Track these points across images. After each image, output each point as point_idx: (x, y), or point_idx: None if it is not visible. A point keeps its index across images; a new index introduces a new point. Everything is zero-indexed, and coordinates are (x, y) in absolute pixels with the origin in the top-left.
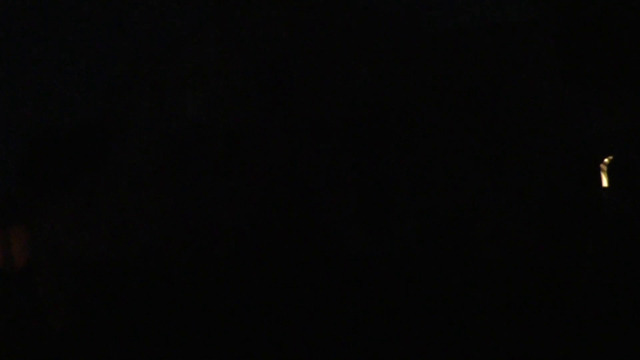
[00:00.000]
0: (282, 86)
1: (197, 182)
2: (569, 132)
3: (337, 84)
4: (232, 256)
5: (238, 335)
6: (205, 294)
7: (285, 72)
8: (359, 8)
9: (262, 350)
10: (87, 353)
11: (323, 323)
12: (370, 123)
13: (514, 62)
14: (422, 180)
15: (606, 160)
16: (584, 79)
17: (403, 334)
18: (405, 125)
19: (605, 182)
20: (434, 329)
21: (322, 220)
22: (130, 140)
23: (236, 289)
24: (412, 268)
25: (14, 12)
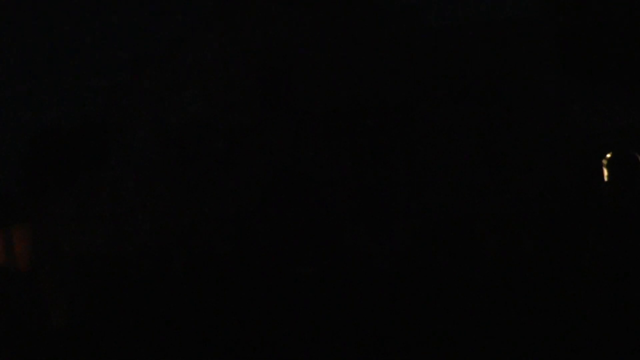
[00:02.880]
0: (282, 84)
1: (198, 179)
2: (570, 128)
3: (337, 81)
4: (234, 253)
5: (238, 332)
6: (206, 292)
7: (285, 70)
8: (359, 5)
9: (262, 348)
10: (89, 351)
11: (323, 321)
12: (371, 120)
13: (514, 58)
14: (423, 177)
15: (608, 155)
16: (586, 74)
17: (403, 332)
18: (405, 122)
19: (606, 178)
20: (434, 327)
21: (322, 218)
22: (132, 139)
23: (237, 285)
24: (412, 266)
25: (14, 12)
